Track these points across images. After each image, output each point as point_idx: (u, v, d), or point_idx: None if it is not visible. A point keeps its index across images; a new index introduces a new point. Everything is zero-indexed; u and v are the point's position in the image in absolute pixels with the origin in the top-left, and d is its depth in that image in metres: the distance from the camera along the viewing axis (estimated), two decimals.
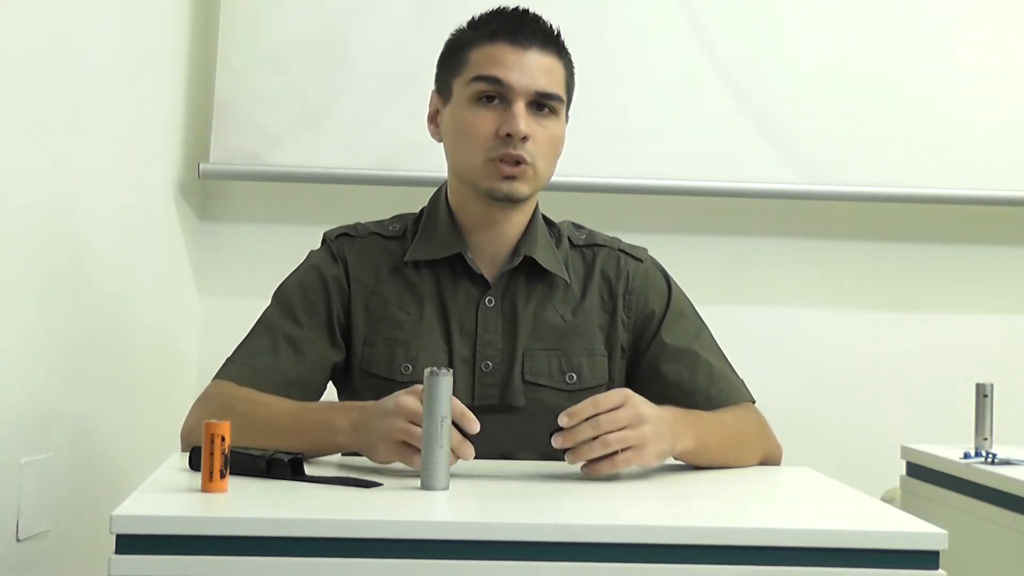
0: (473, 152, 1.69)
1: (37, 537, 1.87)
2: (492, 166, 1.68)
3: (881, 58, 2.79)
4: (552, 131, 1.71)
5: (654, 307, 1.79)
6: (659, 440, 1.48)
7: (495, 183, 1.69)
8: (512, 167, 1.68)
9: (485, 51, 1.70)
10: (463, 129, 1.70)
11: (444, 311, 1.74)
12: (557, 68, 1.72)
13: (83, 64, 2.03)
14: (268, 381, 1.65)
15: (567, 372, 1.73)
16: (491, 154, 1.68)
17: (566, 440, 1.45)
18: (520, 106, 1.68)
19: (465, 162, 1.72)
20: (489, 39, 1.71)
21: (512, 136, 1.66)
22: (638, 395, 1.50)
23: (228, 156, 2.68)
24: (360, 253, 1.77)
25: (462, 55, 1.73)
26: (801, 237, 2.87)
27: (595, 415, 1.45)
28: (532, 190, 1.71)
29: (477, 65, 1.70)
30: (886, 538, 1.23)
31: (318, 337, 1.71)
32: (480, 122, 1.69)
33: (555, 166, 1.75)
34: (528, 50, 1.69)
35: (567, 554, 1.19)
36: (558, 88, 1.71)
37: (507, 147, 1.67)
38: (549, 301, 1.76)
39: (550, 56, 1.71)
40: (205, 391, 1.66)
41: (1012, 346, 2.87)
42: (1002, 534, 1.84)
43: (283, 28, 2.70)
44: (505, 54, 1.69)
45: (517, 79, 1.68)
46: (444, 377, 1.36)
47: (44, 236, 1.90)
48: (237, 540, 1.17)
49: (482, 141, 1.68)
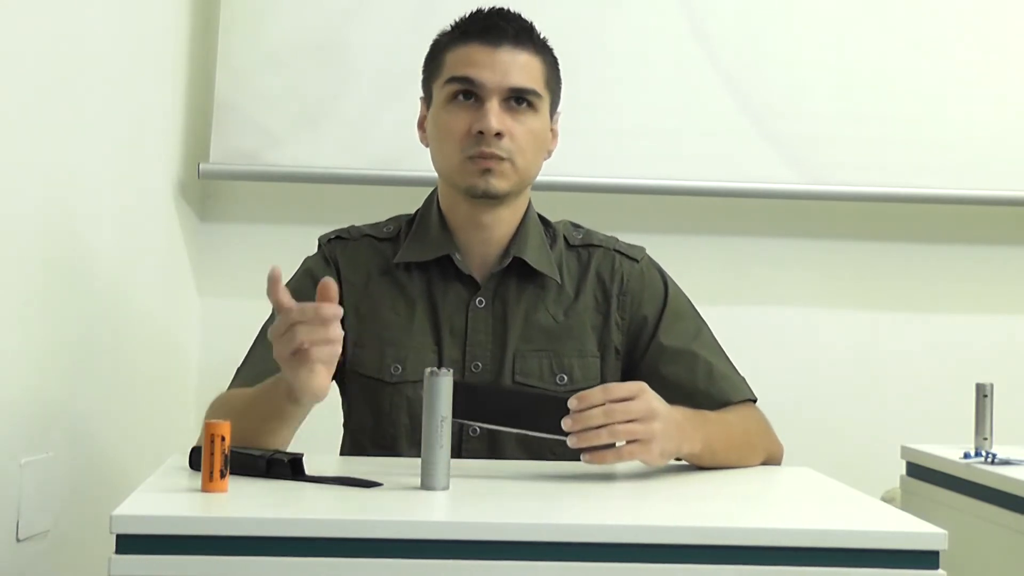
0: (450, 151, 1.71)
1: (37, 537, 1.87)
2: (469, 163, 1.69)
3: (881, 58, 2.79)
4: (530, 126, 1.71)
5: (650, 308, 1.78)
6: (667, 438, 1.48)
7: (472, 180, 1.70)
8: (487, 161, 1.68)
9: (458, 52, 1.72)
10: (440, 129, 1.72)
11: (434, 312, 1.74)
12: (533, 63, 1.72)
13: (83, 64, 2.03)
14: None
15: (558, 373, 1.74)
16: (467, 152, 1.69)
17: (575, 423, 1.43)
18: (493, 103, 1.69)
19: (444, 162, 1.73)
20: (462, 40, 1.73)
21: (484, 133, 1.67)
22: (652, 390, 1.49)
23: (228, 156, 2.68)
24: (352, 255, 1.78)
25: (439, 58, 1.75)
26: (801, 237, 2.87)
27: (607, 402, 1.44)
28: (512, 186, 1.72)
29: (451, 66, 1.72)
30: (886, 538, 1.23)
31: None
32: (455, 121, 1.70)
33: (540, 161, 1.76)
34: (499, 47, 1.70)
35: (567, 554, 1.19)
36: (534, 83, 1.72)
37: (480, 144, 1.68)
38: (541, 302, 1.76)
39: (525, 52, 1.72)
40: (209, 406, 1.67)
41: (1012, 346, 2.87)
42: (1002, 534, 1.84)
43: (283, 28, 2.70)
44: (476, 53, 1.71)
45: (489, 77, 1.69)
46: (444, 377, 1.37)
47: (44, 236, 1.90)
48: (237, 540, 1.17)
49: (458, 140, 1.70)
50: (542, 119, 1.74)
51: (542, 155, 1.76)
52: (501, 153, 1.69)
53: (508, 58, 1.70)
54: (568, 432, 1.43)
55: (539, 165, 1.76)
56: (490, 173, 1.69)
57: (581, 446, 1.44)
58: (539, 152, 1.74)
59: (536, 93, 1.72)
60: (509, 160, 1.69)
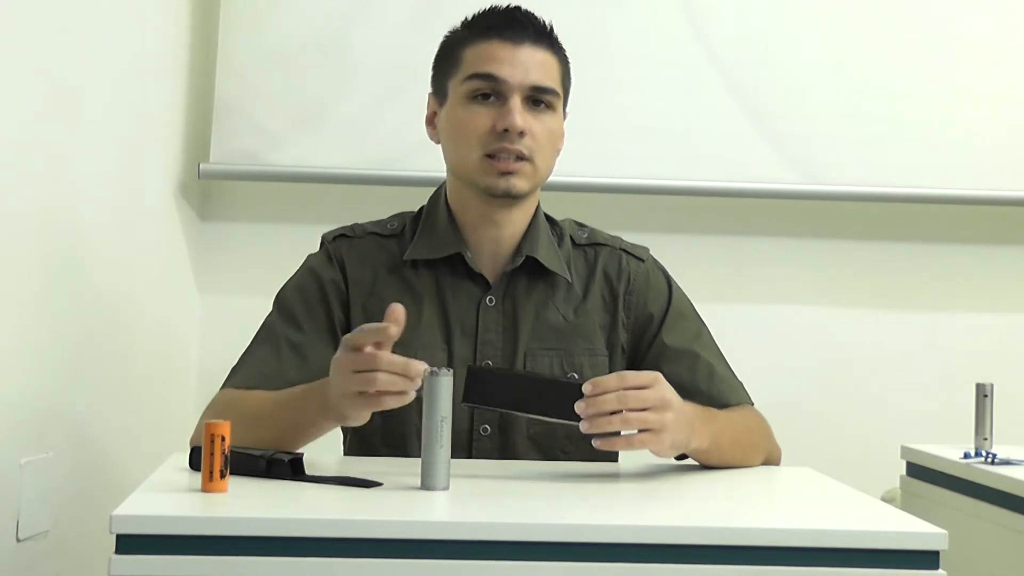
0: (470, 149, 1.69)
1: (37, 537, 1.87)
2: (488, 163, 1.68)
3: (881, 58, 2.79)
4: (549, 126, 1.71)
5: (654, 308, 1.79)
6: (678, 430, 1.47)
7: (493, 180, 1.69)
8: (510, 163, 1.67)
9: (479, 48, 1.70)
10: (459, 127, 1.70)
11: (444, 310, 1.74)
12: (551, 62, 1.72)
13: (83, 64, 2.03)
14: (272, 386, 1.64)
15: (568, 372, 1.73)
16: (487, 149, 1.68)
17: (588, 408, 1.42)
18: (516, 101, 1.68)
19: (462, 160, 1.71)
20: (482, 36, 1.71)
21: (509, 131, 1.66)
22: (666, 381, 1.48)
23: (228, 156, 2.68)
24: (358, 254, 1.77)
25: (456, 55, 1.73)
26: (801, 237, 2.87)
27: (622, 390, 1.43)
28: (531, 186, 1.71)
29: (471, 63, 1.70)
30: (886, 538, 1.23)
31: (320, 341, 1.70)
32: (476, 119, 1.68)
33: (554, 162, 1.75)
34: (521, 45, 1.69)
35: (567, 554, 1.19)
36: (553, 82, 1.71)
37: (503, 142, 1.67)
38: (551, 300, 1.76)
39: (544, 51, 1.71)
40: (211, 401, 1.66)
41: (1012, 346, 2.87)
42: (1002, 534, 1.84)
43: (283, 28, 2.70)
44: (498, 50, 1.69)
45: (511, 74, 1.68)
46: (444, 377, 1.37)
47: (44, 236, 1.90)
48: (237, 540, 1.17)
49: (478, 137, 1.68)
50: (558, 118, 1.73)
51: (556, 154, 1.76)
52: (524, 151, 1.68)
53: (529, 56, 1.69)
54: (581, 418, 1.42)
55: (553, 164, 1.75)
56: (511, 175, 1.68)
57: (592, 432, 1.43)
58: (554, 151, 1.74)
59: (555, 92, 1.71)
60: (530, 160, 1.69)
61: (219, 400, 1.65)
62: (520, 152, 1.67)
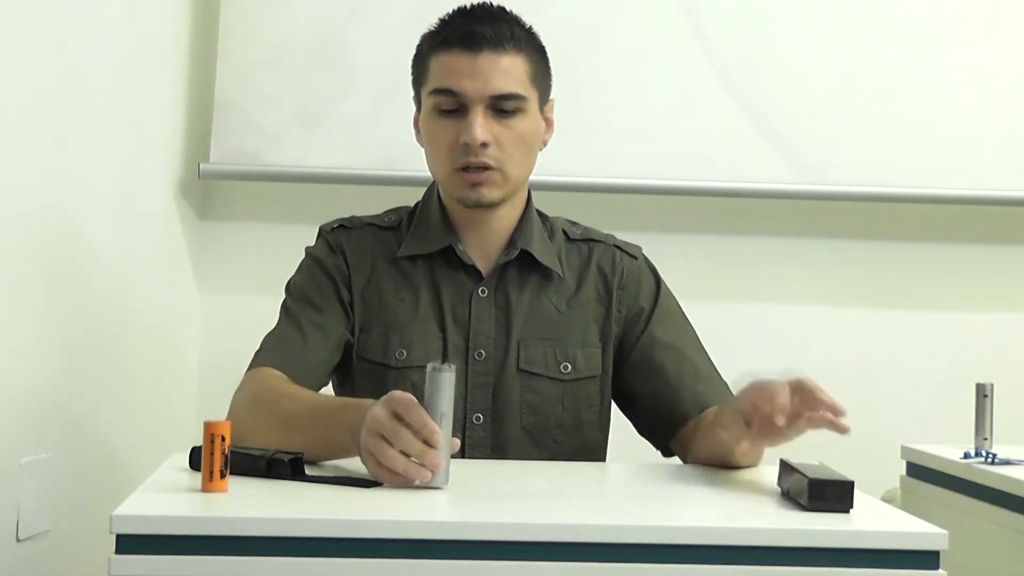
0: (440, 163, 1.72)
1: (37, 537, 1.87)
2: (459, 175, 1.70)
3: (881, 58, 2.79)
4: (518, 130, 1.71)
5: (644, 303, 1.81)
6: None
7: (464, 192, 1.71)
8: (479, 174, 1.69)
9: (440, 60, 1.71)
10: (430, 140, 1.74)
11: (438, 300, 1.76)
12: (516, 64, 1.70)
13: (83, 64, 2.03)
14: (300, 363, 1.68)
15: (562, 362, 1.75)
16: (455, 163, 1.70)
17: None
18: (477, 113, 1.68)
19: (436, 172, 1.75)
20: (443, 46, 1.71)
21: (470, 145, 1.67)
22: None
23: (228, 156, 2.68)
24: (357, 243, 1.80)
25: (424, 64, 1.75)
26: (801, 237, 2.87)
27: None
28: (503, 193, 1.73)
29: (435, 76, 1.72)
30: (886, 538, 1.23)
31: (338, 319, 1.74)
32: (443, 132, 1.70)
33: (533, 159, 1.76)
34: (480, 54, 1.68)
35: (567, 554, 1.19)
36: (517, 86, 1.70)
37: (468, 155, 1.69)
38: (544, 292, 1.78)
39: (507, 54, 1.69)
40: (242, 381, 1.66)
41: (1012, 346, 2.87)
42: (1002, 534, 1.84)
43: (283, 28, 2.70)
44: (457, 61, 1.69)
45: (470, 86, 1.68)
46: (446, 373, 1.36)
47: (44, 236, 1.90)
48: (237, 540, 1.17)
49: (446, 152, 1.71)
50: (530, 119, 1.73)
51: (535, 152, 1.76)
52: (489, 162, 1.69)
53: (489, 65, 1.68)
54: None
55: (532, 163, 1.76)
56: (480, 185, 1.70)
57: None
58: (530, 152, 1.74)
59: (520, 96, 1.70)
60: (498, 169, 1.70)
61: (250, 380, 1.65)
62: (485, 163, 1.69)
